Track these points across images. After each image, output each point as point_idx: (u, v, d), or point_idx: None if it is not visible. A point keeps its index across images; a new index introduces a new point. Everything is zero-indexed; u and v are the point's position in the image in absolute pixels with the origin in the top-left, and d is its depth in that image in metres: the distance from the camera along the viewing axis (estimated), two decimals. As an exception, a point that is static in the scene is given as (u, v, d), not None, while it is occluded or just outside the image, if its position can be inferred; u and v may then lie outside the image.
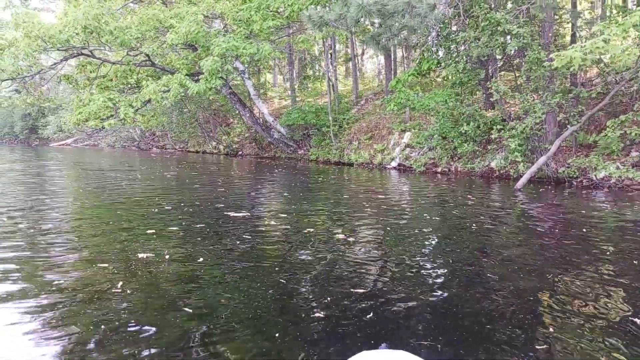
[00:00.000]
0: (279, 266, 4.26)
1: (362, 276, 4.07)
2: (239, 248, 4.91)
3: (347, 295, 3.57)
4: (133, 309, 3.29)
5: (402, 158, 16.26)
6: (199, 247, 4.84)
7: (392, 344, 2.85)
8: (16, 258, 4.43)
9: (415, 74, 14.27)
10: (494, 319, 3.24)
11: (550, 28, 11.56)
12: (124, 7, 18.83)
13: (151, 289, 3.64)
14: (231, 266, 4.31)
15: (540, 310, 3.40)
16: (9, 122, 49.88)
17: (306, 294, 3.65)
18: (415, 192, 10.32)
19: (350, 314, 3.25)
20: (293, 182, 12.26)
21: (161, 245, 4.89)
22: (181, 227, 5.73)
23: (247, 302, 3.40)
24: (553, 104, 10.78)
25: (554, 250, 5.05)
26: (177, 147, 32.53)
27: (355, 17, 9.68)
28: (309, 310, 3.31)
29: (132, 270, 4.06)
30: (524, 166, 11.15)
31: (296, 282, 3.89)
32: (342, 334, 2.99)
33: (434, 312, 3.34)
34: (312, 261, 4.46)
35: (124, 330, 2.95)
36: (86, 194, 9.46)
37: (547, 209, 8.03)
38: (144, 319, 3.13)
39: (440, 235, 5.77)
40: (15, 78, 15.96)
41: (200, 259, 4.35)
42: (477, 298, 3.59)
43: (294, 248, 4.99)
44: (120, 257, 4.43)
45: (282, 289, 3.70)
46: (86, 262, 4.30)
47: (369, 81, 29.80)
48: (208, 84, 15.27)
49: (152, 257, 4.43)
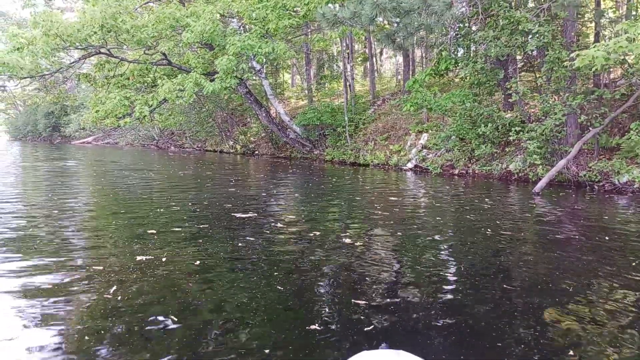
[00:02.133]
0: (275, 271, 4.10)
1: (365, 283, 3.89)
2: (236, 250, 4.76)
3: (347, 304, 3.39)
4: (121, 314, 3.17)
5: (419, 159, 15.99)
6: (197, 249, 4.72)
7: (393, 345, 2.72)
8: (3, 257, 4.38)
9: (432, 73, 14.00)
10: (508, 330, 3.03)
11: (573, 27, 11.19)
12: (143, 5, 18.92)
13: (141, 293, 3.51)
14: (225, 269, 4.17)
15: (555, 322, 3.18)
16: (33, 120, 50.83)
17: (304, 303, 3.48)
18: (430, 195, 10.08)
19: (353, 319, 3.07)
20: (306, 183, 12.12)
21: (159, 246, 4.77)
22: (183, 228, 5.62)
23: (236, 310, 3.25)
24: (574, 105, 10.42)
25: (574, 259, 4.79)
26: (195, 146, 32.68)
27: (370, 15, 9.47)
28: (305, 323, 3.14)
29: (125, 273, 3.94)
30: (543, 169, 10.81)
31: (294, 289, 3.73)
32: (348, 338, 2.82)
33: (444, 321, 3.14)
34: (311, 265, 4.29)
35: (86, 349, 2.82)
36: (95, 192, 9.46)
37: (567, 214, 7.73)
38: (126, 327, 3.01)
39: (453, 241, 5.54)
40: (34, 76, 16.14)
41: (197, 262, 4.22)
42: (490, 308, 3.38)
43: (295, 251, 4.82)
44: (116, 259, 4.32)
45: (278, 296, 3.54)
46: (80, 264, 4.21)
47: (387, 81, 29.52)
48: (223, 83, 15.21)
49: (151, 259, 4.31)
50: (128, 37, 15.24)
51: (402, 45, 11.26)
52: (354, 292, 3.65)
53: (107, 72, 18.39)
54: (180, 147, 34.18)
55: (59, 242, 4.93)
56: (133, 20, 15.18)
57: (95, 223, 6.23)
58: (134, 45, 15.78)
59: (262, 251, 4.80)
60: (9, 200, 7.80)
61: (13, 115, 60.06)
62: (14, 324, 3.03)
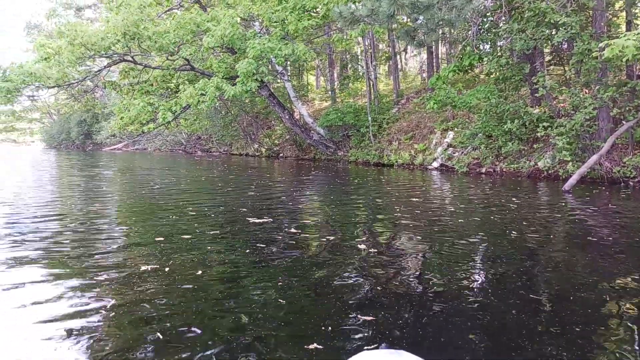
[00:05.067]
0: (279, 281, 3.93)
1: (382, 291, 3.69)
2: (243, 258, 4.62)
3: (354, 317, 3.20)
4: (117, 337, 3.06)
5: (445, 158, 15.62)
6: (203, 256, 4.59)
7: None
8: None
9: (456, 70, 13.62)
10: (537, 346, 2.79)
11: (602, 17, 10.68)
12: (166, 12, 19.11)
13: (137, 305, 3.40)
14: (226, 279, 4.03)
15: (587, 334, 2.92)
16: (66, 129, 52.27)
17: (308, 315, 3.31)
18: (454, 196, 9.76)
19: (362, 330, 2.89)
20: (327, 185, 11.94)
21: (165, 253, 4.67)
22: (194, 235, 5.51)
23: (237, 323, 3.11)
24: (606, 98, 9.94)
25: (607, 263, 4.46)
26: (221, 150, 32.95)
27: (388, 12, 9.24)
28: (307, 338, 2.97)
29: (127, 283, 3.85)
30: (573, 166, 10.35)
31: (296, 301, 3.56)
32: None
33: (467, 334, 2.92)
34: (320, 274, 4.10)
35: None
36: (112, 198, 9.50)
37: (600, 213, 7.33)
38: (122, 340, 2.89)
39: (477, 245, 5.27)
40: (60, 85, 16.46)
41: (198, 272, 4.08)
42: (517, 319, 3.14)
43: (302, 258, 4.65)
44: (119, 268, 4.23)
45: (279, 310, 3.37)
46: (83, 272, 4.14)
47: (412, 79, 29.12)
48: (244, 87, 15.19)
49: (155, 268, 4.21)
50: (150, 43, 15.39)
51: (423, 42, 10.97)
52: (364, 303, 3.46)
53: (132, 79, 18.64)
54: (207, 151, 34.53)
55: (80, 247, 4.90)
56: (155, 27, 15.31)
57: (100, 232, 6.20)
58: (156, 52, 15.93)
59: (267, 261, 4.65)
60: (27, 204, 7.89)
61: (48, 124, 61.94)
62: (47, 332, 2.96)
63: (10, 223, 6.46)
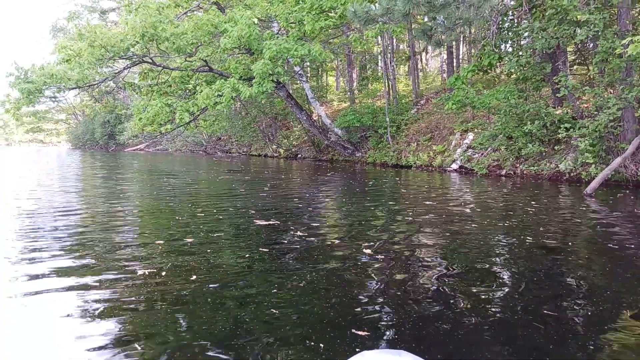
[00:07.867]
0: (279, 281, 3.81)
1: (391, 300, 3.54)
2: (242, 263, 4.51)
3: (345, 335, 3.06)
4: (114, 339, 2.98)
5: (464, 160, 15.32)
6: (203, 260, 4.50)
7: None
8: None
9: (475, 70, 13.34)
10: (543, 344, 2.61)
11: (628, 14, 10.30)
12: (185, 14, 19.22)
13: (136, 311, 3.32)
14: (227, 279, 3.92)
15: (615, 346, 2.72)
16: (91, 129, 53.27)
17: (308, 315, 3.18)
18: (472, 199, 9.50)
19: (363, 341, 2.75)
20: (342, 187, 11.79)
21: (165, 258, 4.59)
22: (197, 238, 5.42)
23: (232, 331, 3.00)
24: (631, 98, 9.58)
25: (630, 274, 4.22)
26: (240, 151, 33.09)
27: (403, 11, 9.06)
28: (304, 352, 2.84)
29: (123, 289, 3.78)
30: (596, 168, 10.01)
31: (296, 301, 3.43)
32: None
33: (470, 328, 2.76)
34: (321, 274, 3.97)
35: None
36: (123, 198, 9.50)
37: (623, 218, 7.01)
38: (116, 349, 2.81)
39: (495, 252, 5.07)
40: (81, 86, 16.69)
41: (192, 277, 3.98)
42: (535, 335, 2.96)
43: (305, 259, 4.52)
44: (117, 272, 4.17)
45: (279, 310, 3.25)
46: (79, 274, 4.08)
47: (432, 79, 28.77)
48: (260, 88, 15.16)
49: (153, 272, 4.13)
50: (169, 44, 15.48)
51: (440, 41, 10.74)
52: (365, 303, 3.31)
53: (151, 81, 18.81)
54: (227, 152, 34.72)
55: (99, 244, 4.87)
56: (173, 28, 15.40)
57: (98, 230, 6.17)
58: (174, 53, 16.02)
59: (268, 266, 4.53)
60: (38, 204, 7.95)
61: (73, 124, 63.23)
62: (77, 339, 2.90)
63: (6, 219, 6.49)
